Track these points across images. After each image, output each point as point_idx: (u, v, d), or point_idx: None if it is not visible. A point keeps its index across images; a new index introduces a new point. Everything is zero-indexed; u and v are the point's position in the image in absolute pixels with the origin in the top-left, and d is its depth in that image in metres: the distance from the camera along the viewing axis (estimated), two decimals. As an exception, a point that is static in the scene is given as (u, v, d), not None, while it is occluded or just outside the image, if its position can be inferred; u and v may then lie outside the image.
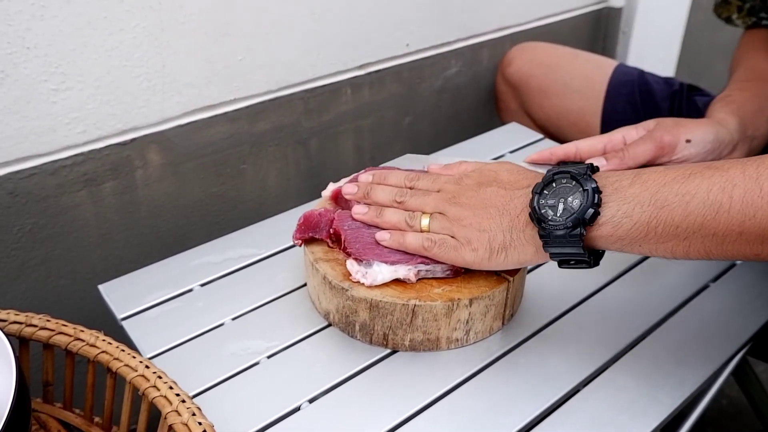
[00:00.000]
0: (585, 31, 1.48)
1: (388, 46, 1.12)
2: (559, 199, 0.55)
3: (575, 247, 0.55)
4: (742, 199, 0.48)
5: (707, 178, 0.50)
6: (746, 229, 0.49)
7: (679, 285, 0.74)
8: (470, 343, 0.66)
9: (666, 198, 0.51)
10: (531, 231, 0.57)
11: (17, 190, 0.83)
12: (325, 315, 0.68)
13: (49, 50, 0.78)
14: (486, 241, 0.59)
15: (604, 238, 0.54)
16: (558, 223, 0.54)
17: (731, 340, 0.68)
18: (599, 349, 0.66)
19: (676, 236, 0.51)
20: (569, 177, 0.56)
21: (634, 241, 0.53)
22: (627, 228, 0.53)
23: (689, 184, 0.51)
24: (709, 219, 0.50)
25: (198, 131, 0.96)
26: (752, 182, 0.48)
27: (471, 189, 0.62)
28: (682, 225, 0.51)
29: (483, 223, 0.59)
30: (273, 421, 0.58)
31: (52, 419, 0.65)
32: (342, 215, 0.68)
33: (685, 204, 0.50)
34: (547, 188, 0.57)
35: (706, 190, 0.50)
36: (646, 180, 0.53)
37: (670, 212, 0.51)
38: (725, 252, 0.51)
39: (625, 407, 0.60)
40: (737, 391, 0.85)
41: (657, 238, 0.52)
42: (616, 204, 0.53)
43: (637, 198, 0.52)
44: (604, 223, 0.54)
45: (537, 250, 0.58)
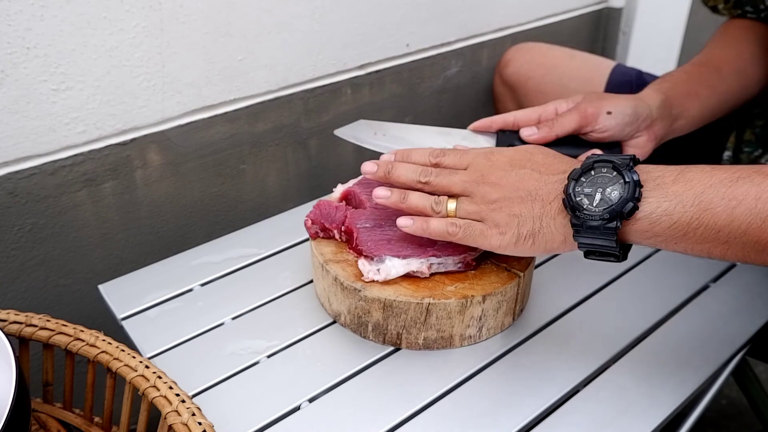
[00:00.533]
0: (585, 31, 1.48)
1: (388, 46, 1.12)
2: (597, 188, 0.53)
3: (608, 240, 0.53)
4: None
5: (756, 184, 0.49)
6: None
7: (679, 285, 0.74)
8: (483, 340, 0.66)
9: (711, 200, 0.49)
10: (563, 219, 0.55)
11: (17, 190, 0.82)
12: (335, 316, 0.68)
13: (49, 50, 0.78)
14: (515, 226, 0.57)
15: (639, 233, 0.53)
16: (594, 214, 0.52)
17: (731, 340, 0.68)
18: (600, 349, 0.66)
19: (716, 239, 0.50)
20: (611, 166, 0.54)
21: (670, 239, 0.52)
22: (666, 226, 0.51)
23: (737, 188, 0.49)
24: (754, 227, 0.48)
25: (198, 131, 0.96)
26: None
27: (502, 168, 0.59)
28: (724, 230, 0.49)
29: (513, 207, 0.57)
30: (273, 420, 0.58)
31: (52, 419, 0.65)
32: (355, 214, 0.68)
33: (731, 209, 0.49)
34: (585, 175, 0.55)
35: (755, 197, 0.48)
36: (691, 179, 0.51)
37: (713, 216, 0.49)
38: (764, 260, 0.50)
39: (625, 407, 0.60)
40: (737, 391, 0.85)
41: (695, 239, 0.51)
42: (657, 200, 0.51)
43: (680, 197, 0.51)
44: (641, 218, 0.52)
45: (566, 239, 0.56)
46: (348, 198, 0.72)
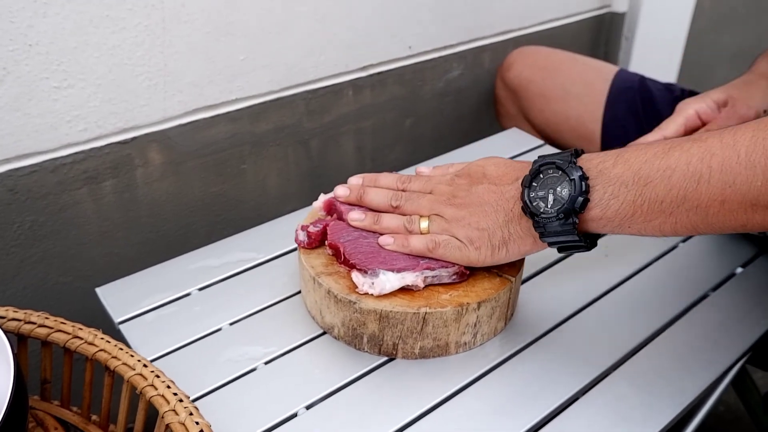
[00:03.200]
0: (587, 35, 1.48)
1: (390, 48, 1.12)
2: (548, 190, 0.56)
3: (570, 235, 0.56)
4: (721, 167, 0.48)
5: (686, 150, 0.50)
6: (728, 197, 0.48)
7: (678, 294, 0.74)
8: (477, 346, 0.66)
9: (648, 175, 0.52)
10: (527, 223, 0.58)
11: (17, 187, 0.82)
12: (328, 329, 0.67)
13: (51, 48, 0.78)
14: (486, 238, 0.60)
15: (594, 221, 0.55)
16: (550, 215, 0.55)
17: (731, 349, 0.68)
18: (598, 357, 0.66)
19: (662, 212, 0.52)
20: (554, 167, 0.56)
21: (623, 221, 0.54)
22: (615, 209, 0.53)
23: (669, 158, 0.51)
24: (690, 191, 0.50)
25: (199, 131, 0.96)
26: (730, 150, 0.48)
27: (463, 189, 0.63)
28: (666, 200, 0.51)
29: (480, 221, 0.60)
30: (270, 427, 0.58)
31: (50, 417, 0.65)
32: (335, 227, 0.68)
33: (667, 179, 0.51)
34: (535, 180, 0.57)
35: (686, 162, 0.50)
36: (628, 159, 0.53)
37: (653, 189, 0.51)
38: (711, 224, 0.51)
39: (623, 416, 0.60)
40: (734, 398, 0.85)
41: (644, 216, 0.53)
42: (603, 187, 0.54)
43: (621, 178, 0.53)
44: (593, 207, 0.54)
45: (535, 240, 0.58)
46: (331, 208, 0.72)
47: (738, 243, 0.83)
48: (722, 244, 0.83)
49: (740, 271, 0.78)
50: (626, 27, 1.48)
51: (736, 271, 0.79)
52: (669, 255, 0.81)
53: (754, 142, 0.47)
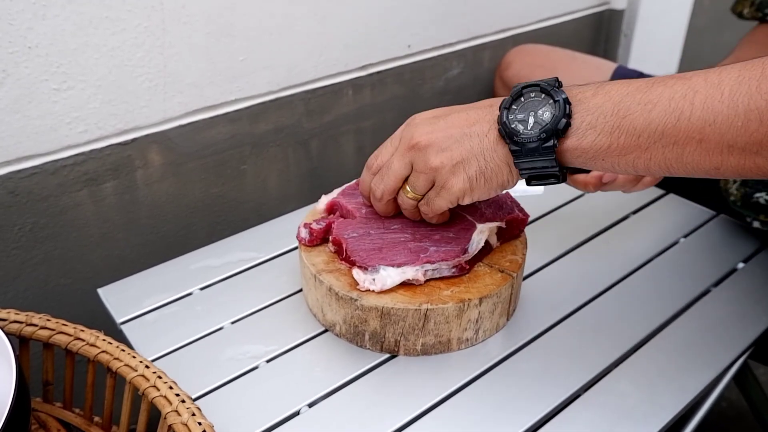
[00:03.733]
0: (586, 33, 1.48)
1: (389, 47, 1.12)
2: (528, 112, 0.54)
3: (548, 160, 0.54)
4: (703, 104, 0.47)
5: (669, 86, 0.49)
6: (706, 136, 0.48)
7: (680, 290, 0.74)
8: (479, 342, 0.66)
9: (629, 107, 0.50)
10: (502, 148, 0.56)
11: (18, 190, 0.82)
12: (330, 327, 0.67)
13: (50, 49, 0.78)
14: (462, 171, 0.58)
15: (569, 152, 0.54)
16: (530, 136, 0.54)
17: (732, 345, 0.68)
18: (600, 354, 0.66)
19: (638, 146, 0.50)
20: (539, 89, 0.55)
21: (598, 153, 0.52)
22: (591, 140, 0.52)
23: (652, 92, 0.50)
24: (670, 126, 0.49)
25: (199, 131, 0.96)
26: (713, 88, 0.47)
27: (427, 123, 0.60)
28: (643, 134, 0.50)
29: (453, 155, 0.57)
30: (272, 425, 0.58)
31: (52, 418, 0.65)
32: (341, 224, 0.68)
33: (647, 112, 0.49)
34: (515, 103, 0.56)
35: (668, 97, 0.49)
36: (609, 90, 0.52)
37: (632, 121, 0.50)
38: (685, 164, 0.50)
39: (626, 413, 0.60)
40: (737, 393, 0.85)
41: (620, 150, 0.51)
42: (581, 115, 0.52)
43: (601, 108, 0.52)
44: (569, 135, 0.53)
45: (510, 168, 0.57)
46: (334, 209, 0.72)
47: (739, 238, 0.83)
48: (724, 240, 0.83)
49: (742, 267, 0.78)
50: (625, 24, 1.48)
51: (737, 266, 0.78)
52: (670, 250, 0.81)
53: (739, 82, 0.46)
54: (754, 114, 0.45)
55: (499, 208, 0.69)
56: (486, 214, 0.68)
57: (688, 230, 0.84)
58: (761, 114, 0.45)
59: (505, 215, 0.68)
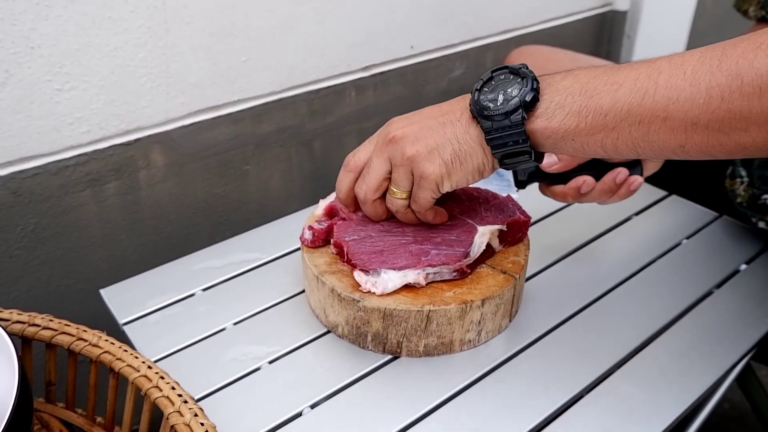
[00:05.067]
0: (589, 34, 1.48)
1: (392, 47, 1.12)
2: (498, 91, 0.56)
3: (517, 134, 0.55)
4: (666, 83, 0.49)
5: (634, 69, 0.51)
6: (670, 113, 0.49)
7: (682, 291, 0.74)
8: (482, 343, 0.66)
9: (596, 87, 0.52)
10: (475, 129, 0.58)
11: (20, 190, 0.82)
12: (332, 328, 0.67)
13: (53, 50, 0.78)
14: (437, 156, 0.59)
15: (539, 131, 0.55)
16: (499, 111, 0.55)
17: (735, 346, 0.68)
18: (603, 355, 0.66)
19: (605, 126, 0.52)
20: (507, 71, 0.57)
21: (567, 134, 0.54)
22: (559, 119, 0.53)
23: (618, 74, 0.52)
24: (635, 105, 0.50)
25: (202, 132, 0.96)
26: (677, 68, 0.49)
27: (403, 119, 0.62)
28: (610, 113, 0.51)
29: (428, 141, 0.59)
30: (275, 426, 0.58)
31: (55, 419, 0.65)
32: (342, 226, 0.68)
33: (613, 92, 0.51)
34: (486, 85, 0.58)
35: (634, 78, 0.50)
36: (577, 74, 0.54)
37: (599, 100, 0.51)
38: (651, 142, 0.51)
39: (628, 414, 0.60)
40: (739, 395, 0.85)
41: (587, 130, 0.53)
42: (550, 96, 0.54)
43: (569, 89, 0.53)
44: (539, 115, 0.54)
45: (484, 149, 0.58)
46: (333, 213, 0.72)
47: (742, 239, 0.83)
48: (726, 241, 0.83)
49: (744, 268, 0.78)
50: (628, 25, 1.47)
51: (740, 267, 0.78)
52: (673, 252, 0.80)
53: (701, 62, 0.48)
54: (716, 91, 0.47)
55: (500, 211, 0.69)
56: (487, 218, 0.68)
57: (691, 232, 0.84)
58: (722, 91, 0.46)
59: (507, 218, 0.68)
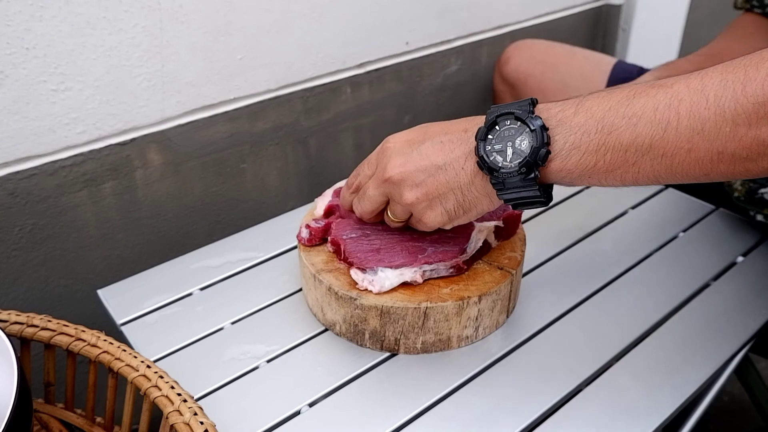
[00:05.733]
0: (584, 28, 1.48)
1: (387, 44, 1.12)
2: (506, 142, 0.53)
3: (531, 190, 0.53)
4: (689, 113, 0.46)
5: (652, 96, 0.48)
6: (695, 144, 0.46)
7: (679, 284, 0.74)
8: (479, 339, 0.66)
9: (613, 123, 0.49)
10: (481, 180, 0.55)
11: (17, 191, 0.82)
12: (330, 326, 0.67)
13: (48, 50, 0.78)
14: (439, 206, 0.57)
15: (554, 173, 0.52)
16: (511, 170, 0.52)
17: (733, 338, 0.68)
18: (600, 349, 0.66)
19: (625, 162, 0.49)
20: (513, 117, 0.53)
21: (584, 172, 0.51)
22: (576, 160, 0.51)
23: (635, 105, 0.48)
24: (657, 139, 0.47)
25: (198, 131, 0.96)
26: (698, 95, 0.46)
27: (400, 153, 0.58)
28: (630, 148, 0.49)
29: (428, 189, 0.57)
30: (273, 425, 0.58)
31: (54, 419, 0.65)
32: (339, 224, 0.68)
33: (632, 126, 0.48)
34: (491, 132, 0.54)
35: (653, 108, 0.48)
36: (590, 107, 0.51)
37: (617, 137, 0.49)
38: (675, 174, 0.49)
39: (626, 408, 0.60)
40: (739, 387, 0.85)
41: (606, 166, 0.50)
42: (563, 137, 0.51)
43: (584, 127, 0.50)
44: (553, 158, 0.52)
45: (491, 198, 0.56)
46: (331, 212, 0.72)
47: (739, 231, 0.83)
48: (723, 233, 0.83)
49: (741, 260, 0.78)
50: (623, 19, 1.47)
51: (737, 259, 0.78)
52: (669, 245, 0.81)
53: (723, 87, 0.45)
54: (742, 118, 0.44)
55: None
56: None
57: (688, 224, 0.85)
58: (749, 118, 0.44)
59: (502, 213, 0.68)
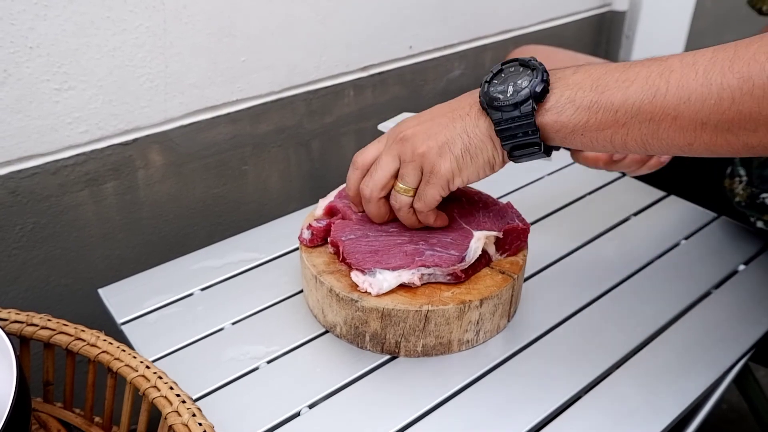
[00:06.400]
0: (588, 34, 1.48)
1: (391, 48, 1.12)
2: (508, 83, 0.56)
3: (527, 125, 0.55)
4: (678, 83, 0.49)
5: (646, 66, 0.52)
6: (681, 113, 0.49)
7: (680, 292, 0.74)
8: (480, 343, 0.66)
9: (607, 83, 0.52)
10: (484, 121, 0.58)
11: (19, 190, 0.82)
12: (330, 328, 0.67)
13: (51, 50, 0.78)
14: (448, 151, 0.59)
15: (548, 125, 0.55)
16: (508, 100, 0.55)
17: (733, 347, 0.68)
18: (601, 356, 0.66)
19: (615, 122, 0.52)
20: (517, 64, 0.58)
21: (576, 129, 0.54)
22: (570, 114, 0.54)
23: (630, 71, 0.52)
24: (646, 103, 0.50)
25: (200, 132, 0.96)
26: (689, 68, 0.49)
27: (413, 120, 0.62)
28: (621, 109, 0.51)
29: (438, 137, 0.59)
30: (273, 426, 0.58)
31: (53, 419, 0.65)
32: (339, 225, 0.68)
33: (624, 89, 0.51)
34: (496, 77, 0.58)
35: (645, 76, 0.51)
36: (589, 69, 0.54)
37: (609, 96, 0.52)
38: (660, 140, 0.52)
39: (626, 415, 0.60)
40: (737, 395, 0.85)
41: (597, 125, 0.53)
42: (560, 90, 0.55)
43: (580, 84, 0.54)
44: (549, 109, 0.55)
45: (493, 141, 0.58)
46: (333, 212, 0.72)
47: (740, 240, 0.83)
48: (724, 241, 0.83)
49: (743, 269, 0.78)
50: (627, 26, 1.48)
51: (738, 268, 0.78)
52: (671, 252, 0.81)
53: (713, 63, 0.48)
54: (727, 93, 0.47)
55: (498, 218, 0.68)
56: (485, 223, 0.67)
57: (689, 232, 0.84)
58: (733, 92, 0.47)
59: (504, 225, 0.67)
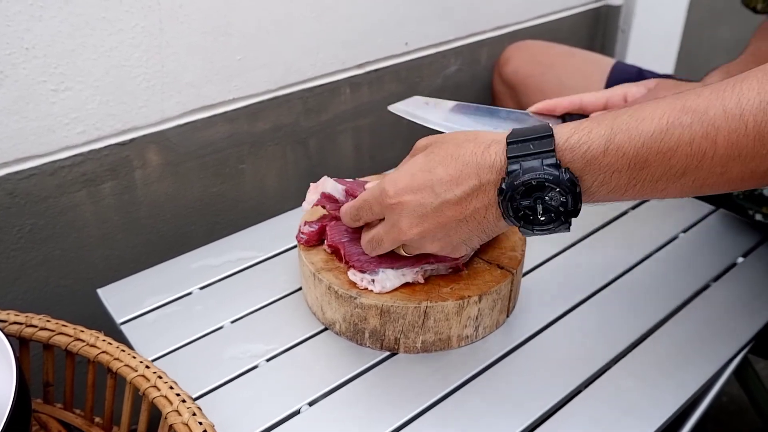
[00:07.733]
0: (584, 29, 1.48)
1: (387, 45, 1.12)
2: (534, 199, 0.50)
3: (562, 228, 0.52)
4: (726, 141, 0.45)
5: (687, 127, 0.46)
6: (729, 168, 0.46)
7: (679, 285, 0.74)
8: (479, 339, 0.66)
9: (646, 159, 0.47)
10: (505, 223, 0.53)
11: (17, 191, 0.82)
12: (330, 325, 0.68)
13: (48, 51, 0.78)
14: (463, 247, 0.57)
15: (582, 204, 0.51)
16: (545, 228, 0.51)
17: (733, 339, 0.68)
18: (600, 349, 0.66)
19: (655, 189, 0.49)
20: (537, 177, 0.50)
21: (611, 199, 0.51)
22: (604, 194, 0.50)
23: (670, 139, 0.46)
24: (691, 169, 0.46)
25: (197, 131, 0.95)
26: (736, 122, 0.44)
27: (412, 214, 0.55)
28: (662, 179, 0.48)
29: (451, 240, 0.56)
30: (273, 424, 0.58)
31: (53, 420, 0.65)
32: (334, 227, 0.68)
33: (666, 160, 0.47)
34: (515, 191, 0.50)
35: (689, 141, 0.46)
36: (621, 145, 0.48)
37: (650, 171, 0.47)
38: (701, 191, 0.48)
39: (626, 408, 0.60)
40: (738, 388, 0.85)
41: (635, 194, 0.49)
42: (591, 176, 0.49)
43: (614, 167, 0.48)
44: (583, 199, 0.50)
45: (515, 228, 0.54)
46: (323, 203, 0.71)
47: (738, 233, 0.83)
48: (723, 234, 0.83)
49: (741, 261, 0.78)
50: (622, 20, 1.47)
51: (737, 260, 0.79)
52: (669, 246, 0.81)
53: (763, 111, 0.43)
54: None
55: None
56: None
57: (688, 225, 0.85)
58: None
59: None
